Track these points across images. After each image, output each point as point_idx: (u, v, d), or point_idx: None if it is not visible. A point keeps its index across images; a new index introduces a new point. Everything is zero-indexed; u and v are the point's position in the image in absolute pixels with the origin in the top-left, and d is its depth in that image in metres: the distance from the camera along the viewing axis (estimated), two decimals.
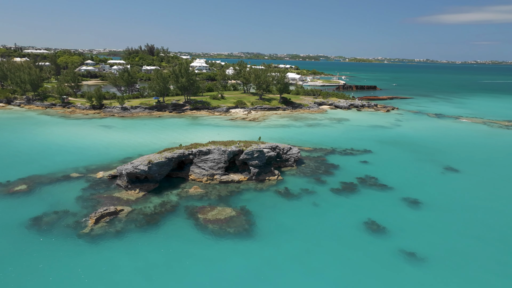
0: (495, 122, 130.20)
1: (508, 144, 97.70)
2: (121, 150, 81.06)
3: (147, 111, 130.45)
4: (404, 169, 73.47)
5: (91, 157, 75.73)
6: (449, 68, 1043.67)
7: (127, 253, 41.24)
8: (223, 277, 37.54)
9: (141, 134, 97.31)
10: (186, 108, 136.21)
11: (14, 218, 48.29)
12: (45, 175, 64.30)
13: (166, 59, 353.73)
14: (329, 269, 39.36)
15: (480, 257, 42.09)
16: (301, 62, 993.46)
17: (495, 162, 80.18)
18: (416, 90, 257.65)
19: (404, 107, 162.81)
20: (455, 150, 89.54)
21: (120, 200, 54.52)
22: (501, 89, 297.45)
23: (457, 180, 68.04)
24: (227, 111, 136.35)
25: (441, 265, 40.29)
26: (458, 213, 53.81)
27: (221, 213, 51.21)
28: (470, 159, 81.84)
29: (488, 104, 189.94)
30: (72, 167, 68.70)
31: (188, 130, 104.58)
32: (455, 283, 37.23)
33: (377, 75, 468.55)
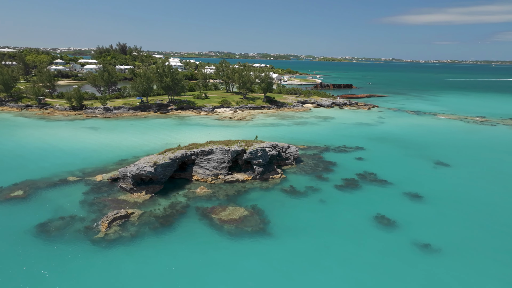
0: (469, 118, 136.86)
1: (487, 139, 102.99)
2: (113, 152, 78.79)
3: (131, 112, 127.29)
4: (398, 165, 75.94)
5: (83, 160, 73.14)
6: (414, 67, 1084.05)
7: (148, 257, 40.32)
8: (249, 277, 37.50)
9: (130, 135, 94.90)
10: (171, 108, 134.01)
11: (19, 225, 46.00)
12: (40, 179, 61.55)
13: (140, 58, 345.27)
14: (351, 263, 40.19)
15: (487, 246, 44.33)
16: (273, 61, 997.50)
17: (480, 156, 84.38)
18: (390, 88, 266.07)
19: (383, 105, 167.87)
20: (441, 145, 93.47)
21: (127, 203, 53.09)
22: (466, 87, 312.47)
23: (450, 174, 71.09)
24: (213, 111, 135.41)
25: (455, 255, 42.15)
26: (458, 205, 56.31)
27: (234, 213, 51.00)
28: (457, 154, 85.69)
29: (459, 101, 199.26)
30: (67, 171, 66.13)
31: (178, 130, 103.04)
32: (472, 272, 39.06)
33: (349, 74, 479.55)
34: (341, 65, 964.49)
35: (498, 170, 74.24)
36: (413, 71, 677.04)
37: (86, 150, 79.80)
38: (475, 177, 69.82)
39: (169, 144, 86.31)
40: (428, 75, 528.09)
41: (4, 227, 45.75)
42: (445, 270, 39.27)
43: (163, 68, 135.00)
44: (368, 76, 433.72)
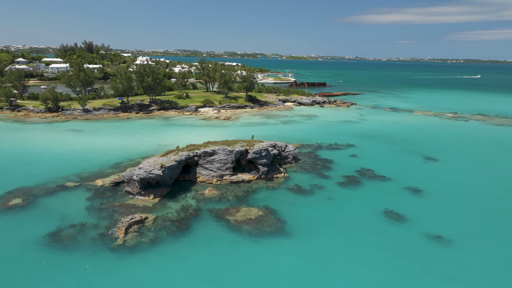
0: (442, 114, 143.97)
1: (464, 134, 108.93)
2: (106, 156, 76.18)
3: (112, 113, 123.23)
4: (391, 161, 78.73)
5: (75, 164, 70.25)
6: (377, 65, 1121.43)
7: (172, 263, 39.58)
8: (277, 277, 37.71)
9: (118, 137, 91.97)
10: (153, 108, 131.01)
11: (27, 236, 43.63)
12: (35, 186, 58.54)
13: (108, 57, 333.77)
14: (371, 257, 41.32)
15: (493, 235, 47.12)
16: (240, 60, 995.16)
17: (462, 150, 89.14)
18: (361, 86, 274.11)
19: (360, 103, 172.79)
20: (425, 141, 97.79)
21: (137, 208, 51.68)
22: (431, 84, 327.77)
23: (440, 168, 74.64)
24: (196, 111, 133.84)
25: (467, 245, 44.53)
26: (456, 197, 59.36)
27: (248, 213, 50.99)
28: (441, 148, 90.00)
29: (428, 98, 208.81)
30: (61, 176, 63.31)
31: (167, 131, 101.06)
32: (486, 260, 41.44)
33: (319, 72, 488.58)
34: (308, 64, 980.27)
35: (481, 163, 78.74)
36: (378, 69, 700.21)
37: (76, 154, 76.59)
38: (463, 170, 73.70)
39: (162, 146, 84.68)
40: (393, 73, 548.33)
41: (11, 238, 43.23)
42: (462, 259, 41.39)
43: (143, 68, 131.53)
44: (338, 75, 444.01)
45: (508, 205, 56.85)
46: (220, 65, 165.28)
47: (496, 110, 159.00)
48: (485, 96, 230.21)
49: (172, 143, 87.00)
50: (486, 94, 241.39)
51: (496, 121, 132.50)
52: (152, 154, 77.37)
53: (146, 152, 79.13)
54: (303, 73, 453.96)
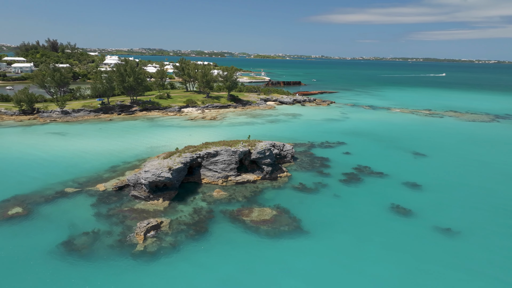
0: (419, 111, 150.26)
1: (442, 130, 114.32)
2: (98, 159, 73.49)
3: (93, 114, 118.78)
4: (384, 157, 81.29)
5: (68, 169, 67.34)
6: (344, 63, 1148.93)
7: (198, 266, 39.03)
8: (304, 276, 38.15)
9: (106, 140, 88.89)
10: (135, 109, 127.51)
11: (39, 246, 41.44)
12: (32, 193, 55.60)
13: (76, 56, 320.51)
14: (389, 252, 42.64)
15: (494, 225, 49.95)
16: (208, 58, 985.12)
17: (445, 145, 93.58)
18: (335, 85, 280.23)
19: (339, 101, 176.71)
20: (409, 137, 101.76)
21: (148, 212, 50.37)
22: (400, 82, 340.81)
23: (430, 163, 78.01)
24: (180, 111, 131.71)
25: (474, 235, 46.97)
26: (453, 190, 62.37)
27: (262, 214, 51.07)
28: (426, 144, 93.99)
29: (400, 95, 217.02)
30: (58, 182, 60.51)
31: (155, 132, 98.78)
32: (495, 249, 43.95)
33: (290, 71, 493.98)
34: (277, 62, 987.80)
35: (466, 157, 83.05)
36: (346, 68, 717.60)
37: (66, 158, 73.32)
38: (452, 164, 77.40)
39: (155, 147, 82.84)
40: (361, 72, 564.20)
41: (23, 248, 40.92)
42: (473, 250, 43.65)
43: (124, 67, 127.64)
44: (309, 73, 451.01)
45: (500, 196, 60.36)
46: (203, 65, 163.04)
47: (466, 107, 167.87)
48: (453, 93, 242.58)
49: (165, 145, 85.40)
50: (453, 92, 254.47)
51: (468, 117, 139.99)
52: (146, 157, 75.69)
53: (140, 155, 77.14)
54: (275, 72, 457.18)
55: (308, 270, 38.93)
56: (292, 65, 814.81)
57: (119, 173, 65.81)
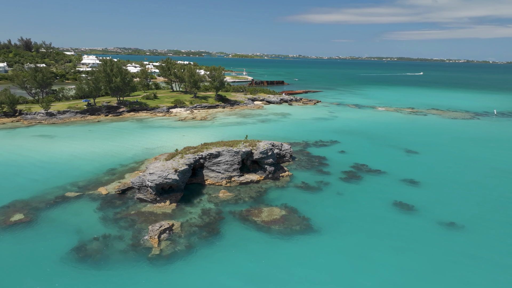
0: (403, 110, 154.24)
1: (428, 127, 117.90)
2: (93, 162, 71.73)
3: (80, 116, 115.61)
4: (378, 155, 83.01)
5: (64, 172, 65.44)
6: (320, 63, 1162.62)
7: (216, 268, 38.75)
8: (323, 274, 38.54)
9: (98, 142, 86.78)
10: (122, 110, 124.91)
11: (49, 254, 40.13)
12: (31, 199, 53.75)
13: (52, 56, 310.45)
14: (400, 248, 43.56)
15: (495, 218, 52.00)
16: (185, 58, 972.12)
17: (434, 143, 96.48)
18: (317, 84, 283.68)
19: (324, 100, 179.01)
20: (398, 135, 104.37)
21: (156, 215, 49.61)
22: (380, 81, 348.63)
23: (423, 160, 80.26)
24: (168, 111, 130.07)
25: (478, 228, 48.70)
26: (449, 186, 64.37)
27: (272, 213, 51.24)
28: (416, 141, 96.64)
29: (382, 94, 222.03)
30: (56, 186, 58.74)
31: (147, 133, 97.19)
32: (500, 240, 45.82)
33: (270, 71, 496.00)
34: (256, 62, 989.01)
35: (455, 154, 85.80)
36: (324, 67, 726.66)
37: (59, 162, 71.16)
38: (443, 161, 79.86)
39: (150, 149, 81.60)
40: (340, 71, 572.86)
41: (32, 257, 39.50)
42: (479, 242, 45.31)
43: (110, 67, 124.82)
44: (289, 73, 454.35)
45: (493, 190, 62.84)
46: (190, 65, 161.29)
47: (446, 105, 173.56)
48: (432, 91, 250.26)
49: (160, 146, 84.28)
50: (432, 90, 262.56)
51: (450, 114, 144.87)
52: (143, 158, 74.54)
53: (137, 156, 75.83)
54: (256, 71, 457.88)
55: (329, 268, 39.37)
56: (271, 64, 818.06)
57: (119, 175, 64.45)
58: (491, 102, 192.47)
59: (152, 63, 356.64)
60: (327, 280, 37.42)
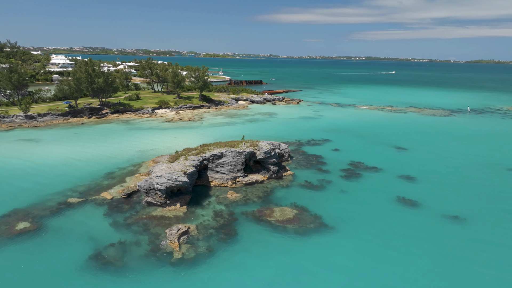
0: (384, 108, 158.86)
1: (411, 125, 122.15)
2: (88, 166, 69.48)
3: (62, 118, 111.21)
4: (371, 152, 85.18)
5: (59, 178, 63.06)
6: (292, 62, 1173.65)
7: (241, 269, 38.76)
8: (346, 269, 39.34)
9: (88, 145, 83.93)
10: (106, 112, 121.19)
11: (68, 262, 38.70)
12: (33, 206, 51.49)
13: (18, 56, 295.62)
14: (411, 241, 45.09)
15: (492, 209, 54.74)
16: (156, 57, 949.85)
17: (420, 139, 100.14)
18: (295, 83, 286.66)
19: (306, 99, 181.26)
20: (384, 132, 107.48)
21: (169, 219, 48.76)
22: (355, 80, 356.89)
23: (414, 156, 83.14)
24: (153, 112, 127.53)
25: (480, 220, 51.14)
26: (444, 180, 67.11)
27: (284, 213, 51.59)
28: (403, 138, 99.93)
29: (361, 93, 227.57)
30: (56, 192, 56.54)
31: (137, 135, 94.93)
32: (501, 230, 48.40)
33: (245, 70, 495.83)
34: (229, 61, 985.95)
35: (441, 150, 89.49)
36: (297, 67, 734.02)
37: (52, 166, 68.43)
38: (432, 157, 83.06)
39: (144, 151, 79.88)
40: (314, 70, 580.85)
41: (49, 266, 37.88)
42: (485, 233, 47.64)
43: (92, 68, 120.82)
44: (265, 72, 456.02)
45: (485, 183, 66.12)
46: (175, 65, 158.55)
47: (422, 103, 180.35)
48: (406, 90, 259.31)
49: (153, 148, 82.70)
50: (406, 88, 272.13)
51: (428, 112, 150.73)
52: (139, 161, 72.94)
53: (133, 159, 74.06)
54: (232, 71, 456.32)
55: (347, 264, 40.22)
56: (243, 64, 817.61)
57: (119, 179, 62.73)
58: (462, 99, 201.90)
59: (125, 63, 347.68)
60: (350, 274, 38.20)
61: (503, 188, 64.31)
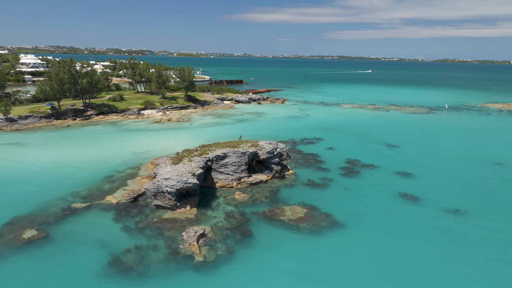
0: (366, 106, 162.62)
1: (396, 122, 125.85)
2: (84, 170, 67.22)
3: (45, 121, 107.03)
4: (364, 150, 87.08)
5: (57, 182, 60.78)
6: (267, 61, 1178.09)
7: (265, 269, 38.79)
8: (368, 264, 40.17)
9: (79, 148, 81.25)
10: (90, 113, 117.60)
11: (84, 269, 37.44)
12: (34, 213, 49.38)
13: None
14: (423, 235, 46.58)
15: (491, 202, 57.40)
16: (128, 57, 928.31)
17: (407, 136, 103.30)
18: (275, 82, 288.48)
19: (290, 98, 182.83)
20: (372, 130, 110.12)
21: (181, 221, 48.12)
22: (333, 79, 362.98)
23: (405, 153, 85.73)
24: (139, 114, 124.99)
25: (482, 213, 53.47)
26: (440, 175, 69.52)
27: (295, 212, 52.01)
28: (392, 136, 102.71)
29: (341, 91, 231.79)
30: (57, 198, 54.40)
31: (128, 137, 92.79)
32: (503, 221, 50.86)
33: (222, 70, 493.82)
34: (203, 61, 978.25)
35: (429, 146, 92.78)
36: (273, 66, 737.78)
37: (46, 171, 65.81)
38: (423, 153, 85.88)
39: (139, 153, 78.29)
40: (291, 69, 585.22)
41: (67, 275, 36.55)
42: (487, 225, 49.89)
43: (74, 68, 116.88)
44: (242, 72, 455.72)
45: (478, 177, 69.18)
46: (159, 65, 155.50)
47: (402, 101, 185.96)
48: (384, 88, 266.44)
49: (148, 150, 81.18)
50: (383, 87, 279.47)
51: (409, 110, 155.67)
52: (137, 164, 71.53)
53: (129, 162, 72.42)
54: (209, 70, 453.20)
55: (368, 259, 41.01)
56: (219, 63, 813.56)
57: (120, 182, 61.23)
58: (438, 97, 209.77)
59: (100, 63, 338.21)
60: (369, 269, 39.02)
61: (494, 181, 67.37)
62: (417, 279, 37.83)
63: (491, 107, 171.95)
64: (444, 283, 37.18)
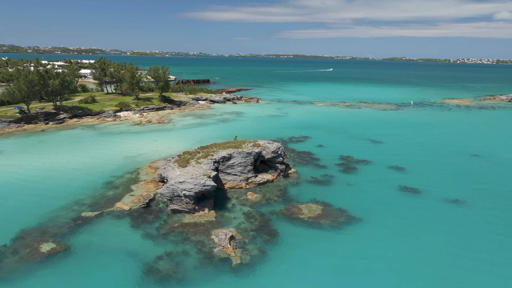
0: (338, 104, 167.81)
1: (371, 119, 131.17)
2: (80, 177, 63.84)
3: (15, 126, 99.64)
4: (352, 146, 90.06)
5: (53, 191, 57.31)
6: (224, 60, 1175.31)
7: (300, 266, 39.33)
8: (392, 257, 41.91)
9: (61, 154, 76.79)
10: (63, 117, 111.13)
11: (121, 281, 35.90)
12: (43, 224, 46.41)
13: None
14: (434, 225, 49.28)
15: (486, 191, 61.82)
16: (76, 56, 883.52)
17: (387, 132, 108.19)
18: (242, 82, 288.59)
19: (263, 98, 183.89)
20: (353, 127, 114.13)
21: (204, 225, 47.35)
22: (297, 78, 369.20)
23: (391, 148, 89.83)
24: (116, 116, 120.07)
25: (479, 201, 57.54)
26: (430, 168, 73.62)
27: (311, 209, 52.91)
28: (372, 132, 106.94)
29: (310, 90, 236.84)
30: (62, 207, 51.44)
31: (111, 141, 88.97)
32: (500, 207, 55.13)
33: (184, 69, 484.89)
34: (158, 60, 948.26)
35: (410, 140, 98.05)
36: (231, 65, 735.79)
37: (35, 180, 61.67)
38: (406, 147, 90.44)
39: (131, 157, 75.65)
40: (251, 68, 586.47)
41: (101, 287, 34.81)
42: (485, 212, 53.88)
43: (45, 69, 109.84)
44: (205, 71, 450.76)
45: (464, 168, 74.26)
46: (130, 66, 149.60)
47: (369, 98, 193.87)
48: (348, 86, 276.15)
49: (140, 154, 78.63)
50: (347, 85, 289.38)
51: (379, 107, 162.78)
52: (132, 168, 69.25)
53: (125, 166, 69.79)
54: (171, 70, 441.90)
55: (394, 251, 42.77)
56: (175, 62, 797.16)
57: (123, 188, 58.84)
58: (400, 94, 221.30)
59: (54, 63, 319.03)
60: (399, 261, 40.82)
61: (477, 171, 72.57)
62: (444, 265, 40.15)
63: (450, 102, 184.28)
64: (468, 266, 39.85)
